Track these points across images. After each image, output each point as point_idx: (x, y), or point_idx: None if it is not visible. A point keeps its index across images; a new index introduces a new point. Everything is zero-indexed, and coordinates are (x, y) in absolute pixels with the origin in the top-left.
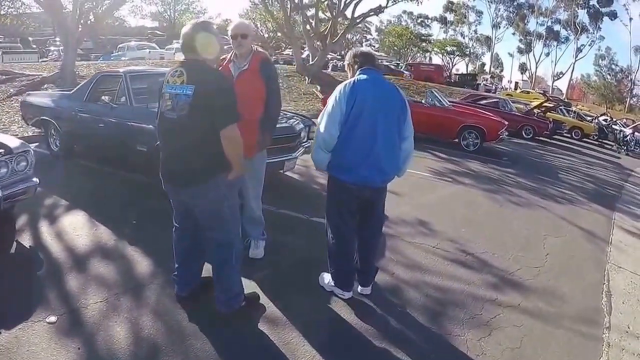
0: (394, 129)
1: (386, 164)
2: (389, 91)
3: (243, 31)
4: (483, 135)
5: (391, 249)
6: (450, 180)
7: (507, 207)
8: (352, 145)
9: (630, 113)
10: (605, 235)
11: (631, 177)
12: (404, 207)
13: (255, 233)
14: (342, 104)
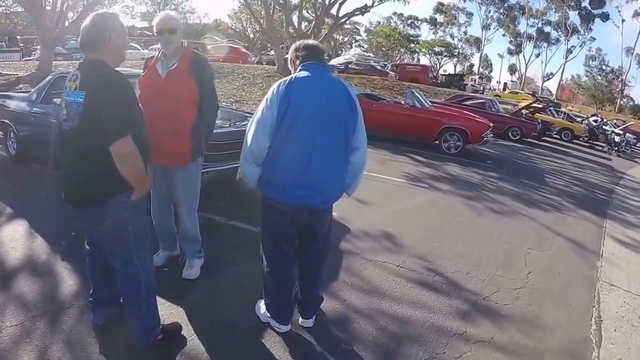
0: (339, 138)
1: (328, 181)
2: (335, 92)
3: (170, 25)
4: (465, 137)
5: (347, 270)
6: (425, 187)
7: (487, 216)
8: (285, 158)
9: (620, 113)
10: (595, 247)
11: (622, 180)
12: (370, 218)
13: (190, 251)
14: (273, 107)
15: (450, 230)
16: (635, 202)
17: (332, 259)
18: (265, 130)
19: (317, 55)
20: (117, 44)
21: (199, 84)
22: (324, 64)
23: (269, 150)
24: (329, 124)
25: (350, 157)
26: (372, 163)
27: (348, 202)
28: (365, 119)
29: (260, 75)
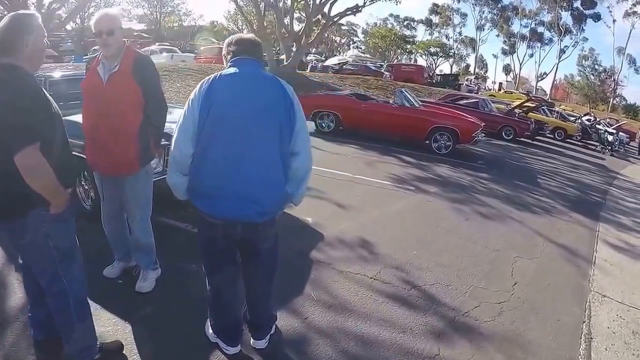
0: (272, 142)
1: (261, 191)
2: (267, 89)
3: (108, 26)
4: (456, 137)
5: (313, 282)
6: (412, 189)
7: (474, 220)
8: (210, 166)
9: (613, 112)
10: (587, 254)
11: (616, 180)
12: (348, 224)
13: (144, 262)
14: (194, 110)
15: (433, 236)
16: (629, 203)
17: (300, 269)
18: (186, 136)
19: (250, 49)
20: (36, 47)
21: (143, 86)
22: (258, 59)
23: (194, 158)
24: (259, 126)
25: (290, 162)
26: (358, 164)
27: (326, 206)
28: (354, 119)
29: None
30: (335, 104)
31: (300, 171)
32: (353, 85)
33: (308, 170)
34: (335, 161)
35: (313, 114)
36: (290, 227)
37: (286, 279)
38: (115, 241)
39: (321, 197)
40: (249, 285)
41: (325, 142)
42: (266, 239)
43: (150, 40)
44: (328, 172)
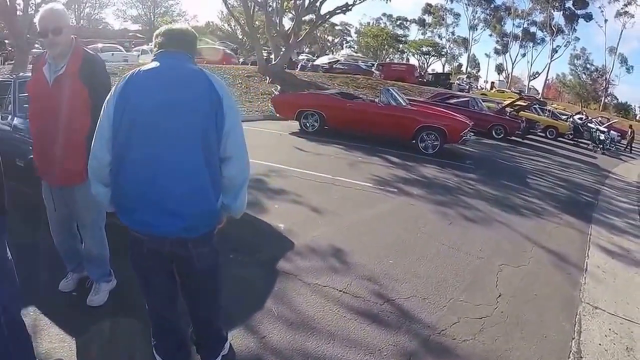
0: (193, 146)
1: (182, 203)
2: (190, 86)
3: (54, 24)
4: (443, 136)
5: (276, 296)
6: (394, 191)
7: (459, 225)
8: (127, 175)
9: (604, 111)
10: (579, 260)
11: (608, 180)
12: (322, 230)
13: (96, 274)
14: (109, 112)
15: (413, 243)
16: (621, 203)
17: (263, 281)
18: (102, 141)
19: (177, 41)
20: None
21: (91, 88)
22: (186, 51)
23: (112, 166)
24: (178, 128)
25: (222, 170)
26: (340, 165)
27: (301, 211)
28: (339, 119)
29: (241, 75)
30: (319, 103)
31: (235, 180)
32: (342, 84)
33: (245, 178)
34: (316, 162)
35: (297, 113)
36: (260, 234)
37: (247, 292)
38: (66, 252)
39: (297, 201)
40: (189, 306)
41: (308, 142)
42: (201, 257)
43: (144, 41)
44: (307, 174)
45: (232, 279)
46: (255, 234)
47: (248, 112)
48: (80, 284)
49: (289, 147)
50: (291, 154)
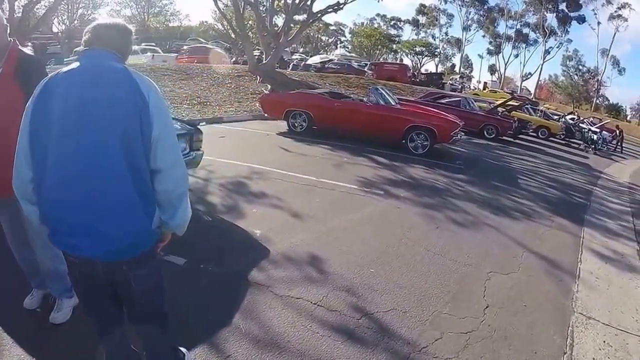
0: (113, 155)
1: (105, 222)
2: (110, 87)
3: None
4: (433, 136)
5: (245, 310)
6: (380, 194)
7: (446, 229)
8: (48, 191)
9: (596, 112)
10: (571, 265)
11: (600, 180)
12: (300, 237)
13: (57, 290)
14: (25, 124)
15: (396, 250)
16: (614, 204)
17: (232, 294)
18: (21, 156)
19: (104, 37)
20: None
21: (27, 91)
22: (113, 49)
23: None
24: (96, 137)
25: (154, 184)
26: (325, 166)
27: (279, 216)
28: (327, 118)
29: (231, 75)
30: (307, 102)
31: (169, 195)
32: (333, 83)
33: (182, 191)
34: (301, 163)
35: (285, 113)
36: (233, 242)
37: (214, 306)
38: (28, 268)
39: (276, 205)
40: (135, 330)
41: (295, 142)
42: (140, 280)
43: (138, 41)
44: (290, 176)
45: (200, 291)
46: (228, 242)
47: (236, 112)
48: (44, 300)
49: (275, 148)
50: (276, 155)
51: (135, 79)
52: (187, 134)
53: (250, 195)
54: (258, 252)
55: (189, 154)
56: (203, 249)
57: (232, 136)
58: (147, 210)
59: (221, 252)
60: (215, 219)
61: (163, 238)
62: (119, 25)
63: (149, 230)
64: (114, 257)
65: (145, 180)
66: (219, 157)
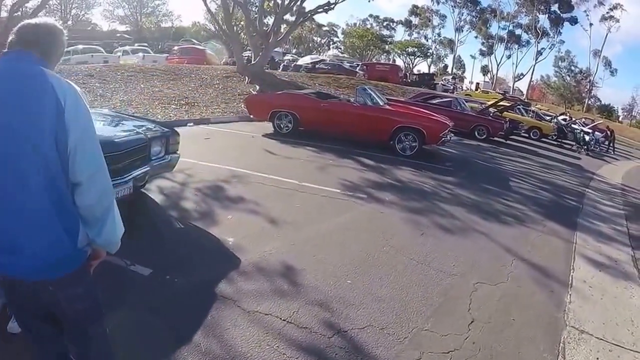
0: (31, 168)
1: (23, 239)
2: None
3: None
4: (422, 137)
5: (209, 327)
6: (364, 197)
7: (432, 235)
8: None
9: (588, 112)
10: (563, 274)
11: (593, 182)
12: (275, 245)
13: None
14: None
15: (377, 258)
16: (607, 207)
17: (196, 309)
18: None
19: (27, 39)
20: None
21: None
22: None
23: None
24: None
25: (75, 198)
26: (308, 169)
27: (256, 222)
28: (313, 119)
29: (219, 76)
30: (292, 103)
31: (91, 211)
32: (323, 84)
33: (105, 209)
34: (284, 166)
35: (271, 114)
36: (204, 251)
37: (175, 322)
38: None
39: (254, 211)
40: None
41: (279, 144)
42: (72, 300)
43: (131, 41)
44: (272, 180)
45: (162, 304)
46: (199, 251)
47: (223, 114)
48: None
49: (258, 150)
50: (259, 158)
51: (51, 82)
52: (162, 136)
53: (227, 201)
54: (228, 262)
55: (164, 157)
56: (171, 259)
57: (217, 138)
58: (67, 227)
59: (190, 262)
60: (187, 226)
61: (95, 256)
62: (45, 24)
63: (73, 249)
64: (37, 277)
65: (63, 194)
66: (201, 159)
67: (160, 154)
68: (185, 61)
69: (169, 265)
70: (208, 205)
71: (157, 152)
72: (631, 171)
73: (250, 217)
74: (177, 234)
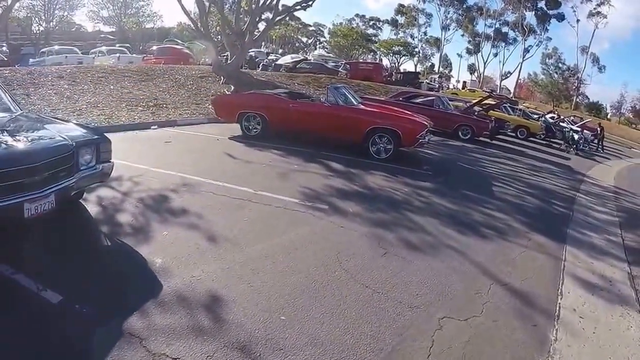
0: None
1: None
2: None
3: None
4: (397, 139)
5: None
6: (324, 209)
7: (396, 255)
8: None
9: (576, 110)
10: (549, 301)
11: (583, 184)
12: (206, 268)
13: None
14: None
15: (325, 287)
16: (599, 214)
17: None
18: None
19: None
20: None
21: None
22: None
23: None
24: None
25: None
26: (269, 176)
27: (192, 239)
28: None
29: (193, 76)
30: (260, 104)
31: None
32: (303, 83)
33: None
34: (242, 172)
35: (238, 115)
36: (126, 274)
37: None
38: None
39: (193, 226)
40: None
41: (245, 147)
42: None
43: (115, 42)
44: (225, 188)
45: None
46: (120, 274)
47: (192, 115)
48: None
49: (220, 154)
50: (217, 163)
51: None
52: (92, 143)
53: (168, 213)
54: (148, 289)
55: (95, 167)
56: (88, 283)
57: (179, 141)
58: None
59: (107, 287)
60: (115, 244)
61: None
62: None
63: None
64: None
65: None
66: (155, 165)
67: (91, 163)
68: (163, 61)
69: (83, 292)
70: (146, 219)
71: (86, 162)
72: (622, 171)
73: (188, 234)
74: (102, 254)
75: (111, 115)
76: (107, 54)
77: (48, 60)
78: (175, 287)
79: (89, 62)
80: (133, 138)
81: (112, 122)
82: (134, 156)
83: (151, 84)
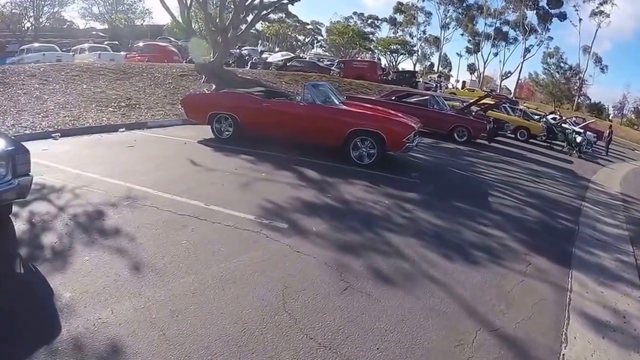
0: None
1: None
2: None
3: None
4: (381, 142)
5: None
6: (283, 228)
7: (360, 290)
8: None
9: (578, 111)
10: (551, 354)
11: (589, 191)
12: (117, 308)
13: None
14: None
15: (258, 338)
16: (608, 227)
17: None
18: None
19: None
20: None
21: None
22: None
23: None
24: None
25: None
26: (227, 187)
27: (112, 270)
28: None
29: (173, 74)
30: (232, 104)
31: None
32: (291, 82)
33: None
34: (200, 182)
35: (209, 117)
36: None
37: None
38: None
39: (120, 250)
40: None
41: (213, 152)
42: None
43: (105, 39)
44: (172, 202)
45: None
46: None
47: (165, 116)
48: None
49: (182, 161)
50: (177, 171)
51: None
52: (5, 155)
53: (97, 234)
54: (43, 333)
55: (10, 182)
56: None
57: (143, 145)
58: None
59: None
60: (27, 271)
61: None
62: None
63: None
64: None
65: None
66: (106, 174)
67: (6, 177)
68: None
69: None
70: (70, 241)
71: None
72: (628, 176)
73: (112, 260)
74: (7, 284)
75: (78, 116)
76: (88, 51)
77: (27, 58)
78: (74, 333)
79: (67, 60)
80: (96, 142)
81: (77, 125)
82: (87, 163)
83: (127, 83)
